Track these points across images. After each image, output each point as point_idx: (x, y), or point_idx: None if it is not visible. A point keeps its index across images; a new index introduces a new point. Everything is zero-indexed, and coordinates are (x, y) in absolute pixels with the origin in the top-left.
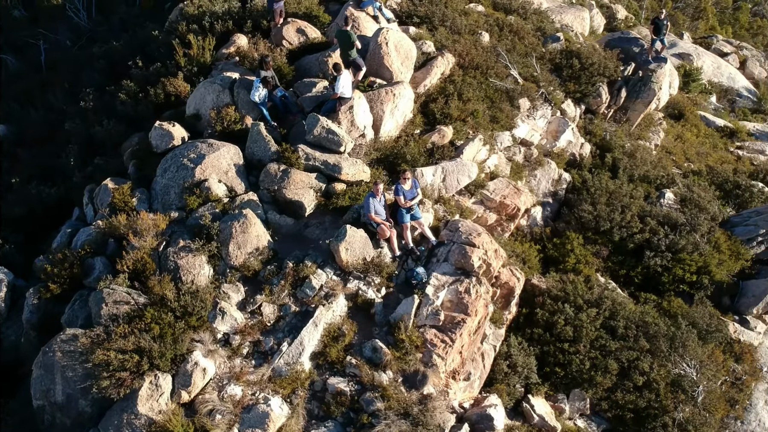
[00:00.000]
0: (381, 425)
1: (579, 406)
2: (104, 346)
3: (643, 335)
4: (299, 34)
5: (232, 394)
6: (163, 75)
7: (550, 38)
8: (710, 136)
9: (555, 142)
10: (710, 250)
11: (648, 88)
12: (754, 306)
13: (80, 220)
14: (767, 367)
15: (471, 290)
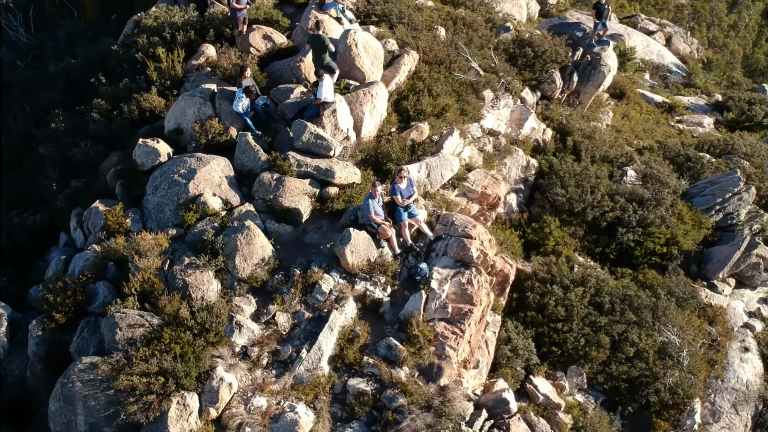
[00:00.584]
0: (407, 420)
1: (577, 382)
2: (126, 372)
3: (628, 308)
4: (266, 41)
5: (258, 406)
6: (134, 91)
7: (501, 29)
8: (652, 113)
9: (519, 130)
10: (675, 222)
11: (598, 71)
12: (720, 271)
13: (69, 245)
14: (737, 326)
15: (473, 281)
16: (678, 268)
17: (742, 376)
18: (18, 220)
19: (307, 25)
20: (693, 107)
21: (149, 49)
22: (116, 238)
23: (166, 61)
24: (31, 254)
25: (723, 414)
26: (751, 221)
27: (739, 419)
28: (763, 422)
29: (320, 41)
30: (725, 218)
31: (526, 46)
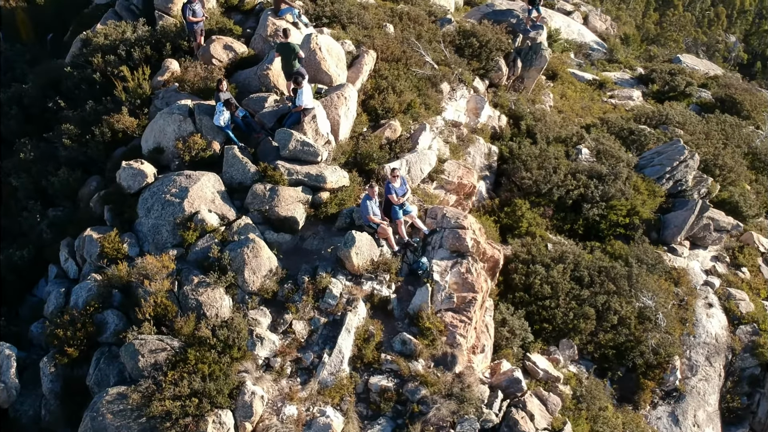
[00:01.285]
0: (432, 410)
1: (569, 354)
2: (158, 397)
3: (606, 279)
4: (227, 51)
5: (289, 415)
6: (102, 113)
7: (443, 21)
8: (585, 91)
9: (477, 119)
10: (633, 193)
11: (540, 55)
12: (677, 235)
13: (60, 277)
14: (698, 284)
15: (471, 269)
16: (642, 236)
17: (711, 330)
18: (4, 256)
19: (266, 32)
20: (620, 82)
21: (107, 69)
22: (118, 265)
23: (132, 79)
24: (20, 290)
25: (699, 367)
26: (698, 186)
27: (713, 370)
28: (733, 370)
29: (290, 49)
30: (675, 185)
31: (471, 37)
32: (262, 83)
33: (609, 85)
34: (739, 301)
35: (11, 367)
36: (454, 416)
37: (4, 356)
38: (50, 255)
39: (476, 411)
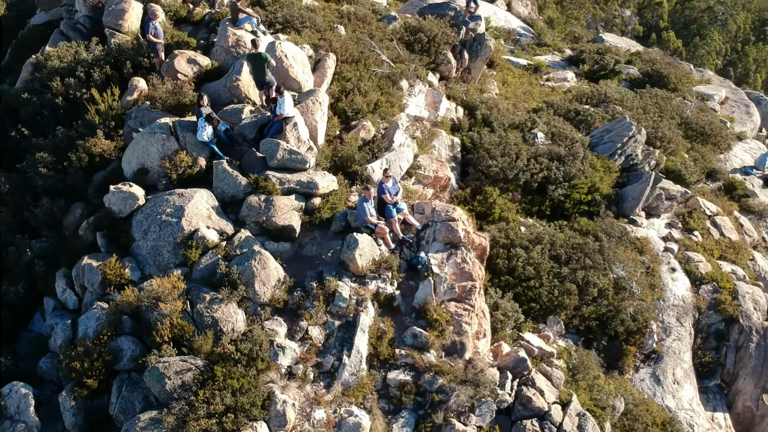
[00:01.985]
0: (452, 397)
1: (557, 330)
2: (192, 417)
3: (582, 255)
4: (191, 64)
5: (319, 419)
6: (75, 138)
7: (388, 18)
8: (523, 76)
9: (437, 113)
10: (591, 171)
11: (485, 45)
12: (636, 207)
13: (59, 309)
14: (660, 251)
15: (466, 258)
16: (605, 211)
17: (678, 293)
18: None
19: (227, 43)
20: (552, 65)
21: (69, 92)
22: (125, 291)
23: (103, 102)
24: (15, 327)
25: (672, 328)
26: (647, 158)
27: (684, 330)
28: (701, 328)
29: (261, 59)
30: (627, 160)
31: (418, 32)
32: (232, 94)
33: (543, 68)
34: (698, 263)
35: (29, 405)
36: (472, 400)
37: (21, 395)
38: (44, 288)
39: (491, 393)
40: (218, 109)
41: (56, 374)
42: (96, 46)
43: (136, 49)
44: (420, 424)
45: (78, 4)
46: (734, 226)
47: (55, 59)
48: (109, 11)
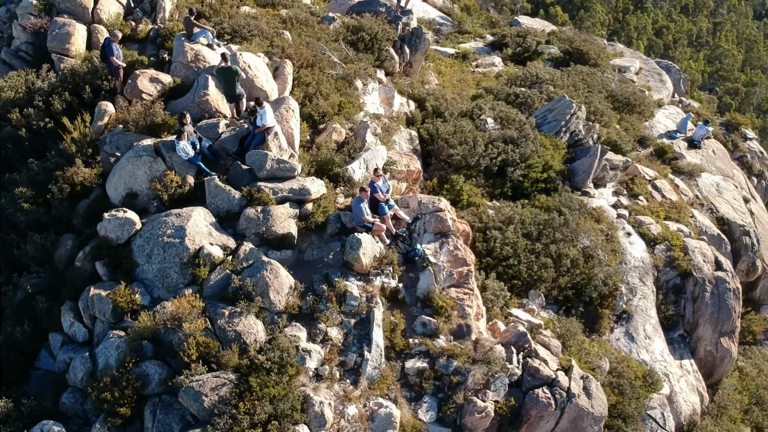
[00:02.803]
0: (469, 377)
1: (539, 302)
2: (236, 429)
3: (551, 230)
4: (154, 83)
5: (353, 414)
6: (51, 169)
7: (327, 19)
8: (454, 65)
9: (391, 109)
10: (543, 150)
11: (423, 39)
12: (587, 179)
13: (68, 343)
14: (613, 218)
15: (458, 245)
16: (563, 186)
17: (636, 255)
18: (3, 337)
19: (186, 59)
20: (477, 51)
21: (31, 123)
22: (140, 316)
23: (75, 129)
24: (23, 367)
25: (637, 288)
26: (589, 133)
27: (647, 288)
28: (661, 284)
29: (232, 72)
30: (572, 136)
31: (360, 31)
32: (202, 110)
33: (471, 56)
34: (649, 225)
35: None
36: (486, 377)
37: None
38: (48, 324)
39: (503, 369)
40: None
41: (81, 408)
42: (48, 73)
43: (91, 72)
44: (442, 406)
45: (16, 30)
46: (672, 188)
47: (8, 90)
48: (54, 36)
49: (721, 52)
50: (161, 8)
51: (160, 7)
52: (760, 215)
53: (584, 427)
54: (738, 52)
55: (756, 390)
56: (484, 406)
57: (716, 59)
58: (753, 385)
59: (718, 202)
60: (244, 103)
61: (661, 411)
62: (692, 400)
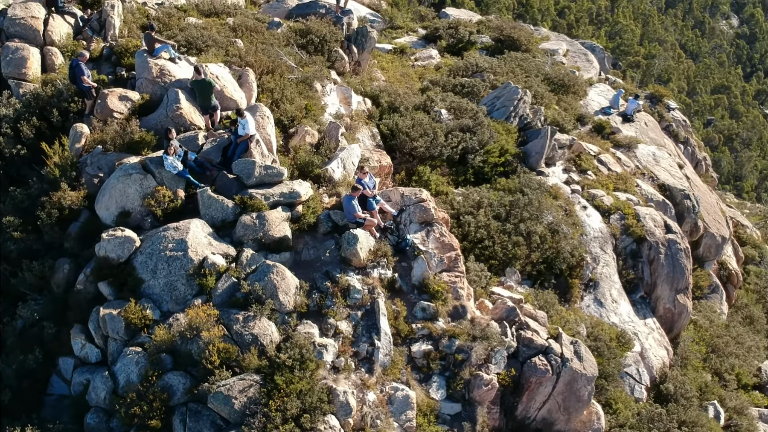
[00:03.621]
0: (472, 353)
1: (515, 279)
2: (271, 427)
3: (518, 210)
4: (123, 101)
5: (373, 400)
6: (35, 196)
7: (274, 24)
8: (394, 60)
9: (350, 108)
10: (498, 135)
11: (369, 37)
12: (540, 160)
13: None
14: (569, 193)
15: (443, 232)
16: (520, 168)
17: (595, 226)
18: (16, 366)
19: (151, 74)
20: (413, 45)
21: (3, 150)
22: (156, 330)
23: (56, 154)
24: (37, 394)
25: (599, 257)
26: (537, 116)
27: (608, 256)
28: (619, 251)
29: (208, 84)
30: (521, 120)
31: (309, 34)
32: (177, 123)
33: (408, 50)
34: (601, 198)
35: None
36: (487, 352)
37: None
38: (58, 349)
39: (500, 343)
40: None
41: (106, 426)
42: (10, 99)
43: (56, 95)
44: (451, 384)
45: None
46: (615, 160)
47: None
48: (8, 61)
49: (620, 27)
50: (111, 25)
51: (110, 25)
52: (695, 179)
53: (578, 388)
54: (636, 26)
55: (711, 339)
56: (489, 379)
57: (616, 35)
58: (707, 335)
59: (657, 170)
60: (218, 114)
61: (636, 367)
62: (660, 354)
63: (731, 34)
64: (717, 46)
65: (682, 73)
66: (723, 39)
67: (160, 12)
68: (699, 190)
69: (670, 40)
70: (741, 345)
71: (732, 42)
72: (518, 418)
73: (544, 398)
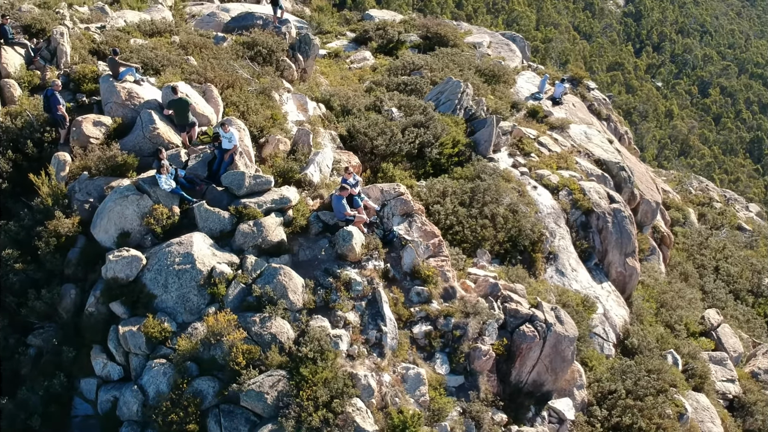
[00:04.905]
0: (468, 329)
1: (486, 259)
2: (306, 415)
3: (480, 195)
4: (98, 126)
5: (388, 381)
6: (30, 226)
7: (219, 39)
8: (331, 65)
9: (308, 113)
10: (448, 128)
11: (312, 45)
12: (489, 147)
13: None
14: (519, 176)
15: (424, 221)
16: (474, 156)
17: (546, 203)
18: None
19: (120, 98)
20: (345, 48)
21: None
22: (179, 341)
23: (46, 185)
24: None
25: (555, 231)
26: (480, 106)
27: (563, 229)
28: (571, 224)
29: (184, 103)
30: (466, 112)
31: (256, 46)
32: (155, 143)
33: (342, 54)
34: (548, 177)
35: None
36: (481, 325)
37: None
38: (78, 371)
39: (490, 316)
40: (148, 161)
41: None
42: None
43: (27, 126)
44: (452, 359)
45: None
46: (552, 141)
47: None
48: None
49: (517, 14)
50: (63, 53)
51: (62, 52)
52: (624, 152)
53: (563, 349)
54: (531, 12)
55: (658, 296)
56: (486, 350)
57: (513, 22)
58: (655, 293)
59: (591, 147)
60: (195, 131)
61: (602, 327)
62: (621, 313)
63: (619, 13)
64: (607, 25)
65: (579, 54)
66: (612, 18)
67: (105, 36)
68: (630, 161)
69: (564, 23)
70: (683, 298)
71: (621, 20)
72: (512, 382)
73: (534, 362)
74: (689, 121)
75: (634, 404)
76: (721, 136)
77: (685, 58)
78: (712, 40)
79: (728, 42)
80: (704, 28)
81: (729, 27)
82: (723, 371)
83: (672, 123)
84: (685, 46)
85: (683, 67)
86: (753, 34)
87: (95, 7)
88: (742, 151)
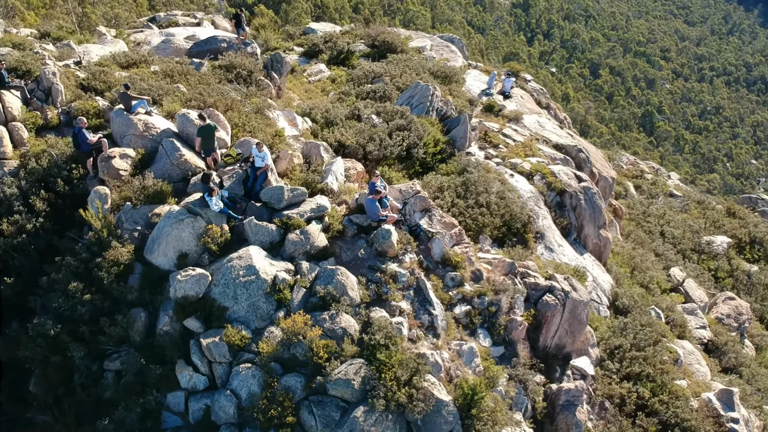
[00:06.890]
0: (501, 304)
1: (488, 243)
2: (390, 395)
3: (472, 186)
4: (125, 159)
5: (447, 357)
6: (87, 260)
7: (197, 65)
8: (292, 80)
9: (298, 128)
10: (427, 129)
11: (284, 63)
12: (465, 143)
13: (191, 395)
14: (495, 167)
15: (442, 214)
16: (454, 153)
17: (525, 188)
18: (139, 408)
19: (138, 130)
20: (299, 62)
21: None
22: (261, 345)
23: (95, 218)
24: None
25: (538, 212)
26: (448, 106)
27: (543, 210)
28: (549, 205)
29: (211, 129)
30: (437, 113)
31: (235, 69)
32: (183, 170)
33: (297, 68)
34: (521, 165)
35: None
36: (511, 299)
37: None
38: (166, 387)
39: (517, 291)
40: (178, 186)
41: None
42: (4, 179)
43: (53, 165)
44: (492, 332)
45: None
46: (514, 132)
47: None
48: None
49: (413, 14)
50: (58, 92)
51: (57, 91)
52: (576, 136)
53: (579, 313)
54: (426, 11)
55: (629, 261)
56: (520, 321)
57: (410, 21)
58: (625, 258)
59: (546, 134)
60: (218, 154)
61: (595, 293)
62: (606, 279)
63: (508, 4)
64: (499, 17)
65: (475, 48)
66: (502, 10)
67: (87, 71)
68: (582, 143)
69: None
70: (647, 261)
71: (510, 12)
72: (540, 348)
73: (556, 327)
74: (585, 102)
75: (639, 354)
76: (616, 114)
77: (574, 43)
78: (596, 24)
79: (611, 24)
80: (588, 13)
81: (610, 10)
82: (695, 320)
83: (569, 106)
84: (572, 31)
85: (573, 52)
86: (632, 15)
87: (62, 45)
88: (636, 126)
